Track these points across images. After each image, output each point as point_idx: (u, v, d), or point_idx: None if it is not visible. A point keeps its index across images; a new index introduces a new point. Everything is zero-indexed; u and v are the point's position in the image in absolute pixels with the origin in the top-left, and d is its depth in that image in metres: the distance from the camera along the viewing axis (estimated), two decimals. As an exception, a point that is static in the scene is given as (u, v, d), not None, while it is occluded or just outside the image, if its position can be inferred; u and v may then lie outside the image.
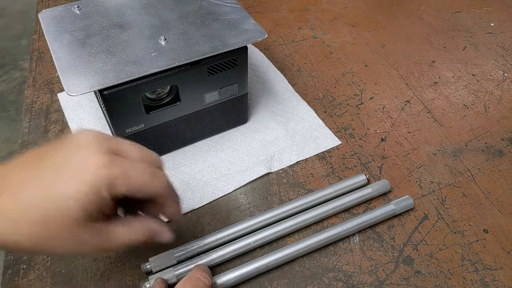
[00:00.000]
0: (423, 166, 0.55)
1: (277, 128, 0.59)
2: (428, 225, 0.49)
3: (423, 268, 0.45)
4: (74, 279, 0.45)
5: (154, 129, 0.52)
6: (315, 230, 0.49)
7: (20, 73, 1.89)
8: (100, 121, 0.60)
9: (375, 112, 0.62)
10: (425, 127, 0.60)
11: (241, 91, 0.55)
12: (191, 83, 0.50)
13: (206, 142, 0.58)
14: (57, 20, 0.52)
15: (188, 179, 0.53)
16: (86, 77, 0.44)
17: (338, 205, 0.49)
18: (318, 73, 0.68)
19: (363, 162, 0.55)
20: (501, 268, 0.45)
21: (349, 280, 0.44)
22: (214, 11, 0.53)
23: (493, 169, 0.54)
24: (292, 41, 0.74)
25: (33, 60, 0.70)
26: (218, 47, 0.48)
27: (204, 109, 0.54)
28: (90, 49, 0.47)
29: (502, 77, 0.67)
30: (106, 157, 0.32)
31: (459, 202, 0.51)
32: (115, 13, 0.53)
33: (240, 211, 0.50)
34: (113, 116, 0.48)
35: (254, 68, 0.68)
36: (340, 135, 0.59)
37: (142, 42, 0.48)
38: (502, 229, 0.48)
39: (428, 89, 0.65)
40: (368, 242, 0.47)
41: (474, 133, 0.59)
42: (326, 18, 0.79)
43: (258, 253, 0.47)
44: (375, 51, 0.72)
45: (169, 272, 0.43)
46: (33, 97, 0.64)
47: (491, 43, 0.73)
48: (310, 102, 0.63)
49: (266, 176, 0.54)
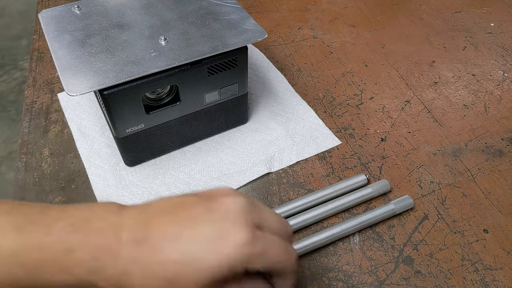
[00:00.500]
0: (423, 166, 0.55)
1: (277, 128, 0.59)
2: (428, 225, 0.49)
3: (423, 268, 0.45)
4: (74, 279, 0.45)
5: (154, 129, 0.52)
6: (315, 230, 0.49)
7: (20, 73, 1.89)
8: (100, 121, 0.60)
9: (375, 112, 0.62)
10: (425, 127, 0.60)
11: (241, 91, 0.55)
12: (191, 83, 0.50)
13: (206, 142, 0.58)
14: (57, 20, 0.52)
15: (188, 179, 0.53)
16: (86, 77, 0.44)
17: (338, 205, 0.49)
18: (318, 73, 0.68)
19: (363, 162, 0.55)
20: (501, 268, 0.45)
21: (349, 280, 0.44)
22: (214, 11, 0.53)
23: (493, 169, 0.54)
24: (292, 41, 0.74)
25: (33, 60, 0.70)
26: (218, 47, 0.48)
27: (204, 109, 0.54)
28: (90, 49, 0.47)
29: (502, 77, 0.67)
30: (250, 233, 0.30)
31: (459, 202, 0.51)
32: (115, 13, 0.53)
33: (240, 211, 0.50)
34: (113, 116, 0.48)
35: (254, 68, 0.68)
36: (340, 135, 0.59)
37: (142, 42, 0.48)
38: (502, 229, 0.48)
39: (428, 89, 0.65)
40: (368, 242, 0.47)
41: (474, 133, 0.59)
42: (326, 18, 0.79)
43: (258, 253, 0.47)
44: (375, 51, 0.72)
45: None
46: (33, 97, 0.64)
47: (491, 43, 0.73)
48: (310, 102, 0.63)
49: (266, 176, 0.54)
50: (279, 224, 0.34)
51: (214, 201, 0.31)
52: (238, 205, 0.31)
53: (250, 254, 0.30)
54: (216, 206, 0.31)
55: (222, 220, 0.30)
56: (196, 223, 0.30)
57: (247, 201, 0.32)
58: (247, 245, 0.29)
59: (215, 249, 0.29)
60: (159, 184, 0.53)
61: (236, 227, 0.30)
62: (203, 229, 0.30)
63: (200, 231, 0.30)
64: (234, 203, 0.31)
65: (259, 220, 0.32)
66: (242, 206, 0.31)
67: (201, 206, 0.31)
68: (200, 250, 0.29)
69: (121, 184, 0.53)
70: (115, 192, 0.52)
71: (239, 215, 0.30)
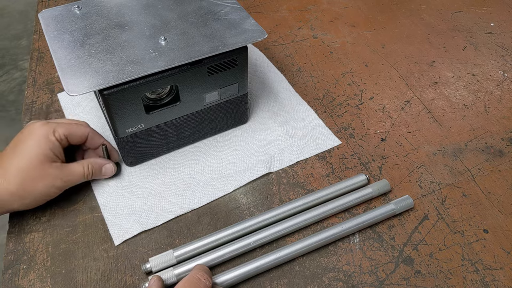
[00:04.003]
0: (423, 166, 0.55)
1: (277, 128, 0.59)
2: (428, 225, 0.49)
3: (423, 268, 0.45)
4: (74, 279, 0.45)
5: (154, 129, 0.52)
6: (315, 230, 0.49)
7: (20, 73, 1.89)
8: (100, 121, 0.60)
9: (375, 112, 0.62)
10: (425, 127, 0.60)
11: (241, 91, 0.55)
12: (191, 83, 0.50)
13: (206, 142, 0.58)
14: (57, 20, 0.52)
15: (188, 179, 0.53)
16: (86, 77, 0.44)
17: (338, 205, 0.49)
18: (318, 73, 0.68)
19: (363, 162, 0.55)
20: (501, 268, 0.45)
21: (349, 280, 0.44)
22: (214, 11, 0.53)
23: (493, 169, 0.54)
24: (292, 41, 0.74)
25: (33, 60, 0.70)
26: (218, 47, 0.48)
27: (204, 109, 0.54)
28: (90, 49, 0.47)
29: (502, 77, 0.67)
30: (45, 122, 0.49)
31: (459, 202, 0.51)
32: (115, 13, 0.53)
33: (240, 211, 0.50)
34: (113, 116, 0.48)
35: (254, 68, 0.68)
36: (340, 135, 0.59)
37: (142, 42, 0.48)
38: (502, 229, 0.48)
39: (428, 89, 0.65)
40: (368, 242, 0.47)
41: (474, 133, 0.59)
42: (326, 18, 0.79)
43: (258, 253, 0.47)
44: (375, 51, 0.72)
45: (169, 272, 0.43)
46: (33, 97, 0.64)
47: (491, 43, 0.73)
48: (310, 102, 0.63)
49: (266, 176, 0.54)
50: (68, 120, 0.53)
51: (24, 129, 0.49)
52: (35, 122, 0.49)
53: (50, 126, 0.48)
54: (24, 129, 0.49)
55: (29, 128, 0.48)
56: (16, 140, 0.48)
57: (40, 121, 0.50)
58: (45, 124, 0.48)
59: (31, 137, 0.47)
60: (159, 184, 0.53)
61: (36, 124, 0.48)
62: (22, 137, 0.48)
63: (21, 138, 0.48)
64: (32, 122, 0.49)
65: (51, 122, 0.49)
66: (37, 121, 0.49)
67: (17, 136, 0.49)
68: (25, 143, 0.47)
69: (121, 184, 0.53)
70: (115, 192, 0.52)
71: (35, 122, 0.49)
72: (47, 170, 0.47)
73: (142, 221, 0.49)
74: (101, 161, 0.52)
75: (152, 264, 0.44)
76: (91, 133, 0.51)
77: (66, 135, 0.49)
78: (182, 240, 0.48)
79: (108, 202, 0.51)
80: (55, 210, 0.50)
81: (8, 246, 0.47)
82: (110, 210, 0.50)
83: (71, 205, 0.51)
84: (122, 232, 0.48)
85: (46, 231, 0.48)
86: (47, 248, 0.47)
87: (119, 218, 0.49)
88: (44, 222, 0.49)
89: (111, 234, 0.48)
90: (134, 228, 0.48)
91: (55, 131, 0.48)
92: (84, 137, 0.51)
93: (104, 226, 0.49)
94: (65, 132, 0.49)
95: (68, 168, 0.49)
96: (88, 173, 0.50)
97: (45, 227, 0.49)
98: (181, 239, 0.48)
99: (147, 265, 0.44)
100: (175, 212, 0.50)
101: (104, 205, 0.51)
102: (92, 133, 0.51)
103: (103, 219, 0.49)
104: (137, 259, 0.46)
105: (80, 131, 0.50)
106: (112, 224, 0.49)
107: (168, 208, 0.50)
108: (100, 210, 0.50)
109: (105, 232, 0.48)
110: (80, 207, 0.51)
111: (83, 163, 0.50)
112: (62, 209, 0.50)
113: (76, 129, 0.50)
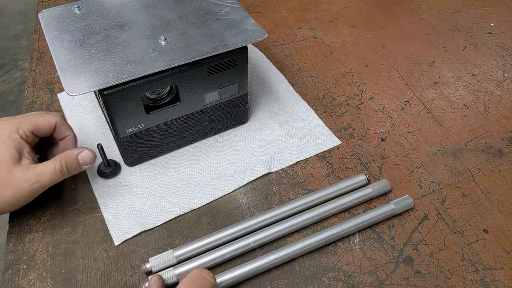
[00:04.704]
0: (423, 166, 0.55)
1: (277, 128, 0.59)
2: (428, 225, 0.49)
3: (423, 268, 0.45)
4: (74, 279, 0.45)
5: (154, 129, 0.52)
6: (315, 230, 0.49)
7: (20, 73, 1.89)
8: (100, 121, 0.60)
9: (375, 112, 0.62)
10: (425, 127, 0.60)
11: (241, 91, 0.55)
12: (191, 83, 0.50)
13: (206, 142, 0.58)
14: (57, 20, 0.52)
15: (188, 179, 0.53)
16: (86, 77, 0.44)
17: (338, 205, 0.49)
18: (318, 73, 0.68)
19: (363, 162, 0.55)
20: (501, 268, 0.45)
21: (349, 280, 0.44)
22: (214, 11, 0.53)
23: (493, 169, 0.54)
24: (292, 41, 0.74)
25: (33, 60, 0.70)
26: (218, 47, 0.48)
27: (204, 109, 0.54)
28: (90, 49, 0.47)
29: (502, 77, 0.67)
30: (9, 118, 0.46)
31: (459, 202, 0.51)
32: (115, 13, 0.53)
33: (240, 211, 0.50)
34: (113, 116, 0.48)
35: (254, 68, 0.68)
36: (340, 135, 0.59)
37: (142, 42, 0.48)
38: (502, 229, 0.48)
39: (428, 89, 0.65)
40: (368, 242, 0.47)
41: (474, 133, 0.59)
42: (326, 18, 0.79)
43: (258, 253, 0.47)
44: (375, 51, 0.72)
45: (169, 272, 0.43)
46: (33, 97, 0.64)
47: (491, 43, 0.73)
48: (310, 102, 0.63)
49: (266, 176, 0.54)
50: (35, 113, 0.49)
51: None
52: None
53: (13, 122, 0.45)
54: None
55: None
56: None
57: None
58: (8, 120, 0.46)
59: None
60: (159, 184, 0.53)
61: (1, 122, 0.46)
62: None
63: None
64: None
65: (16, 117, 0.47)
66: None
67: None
68: None
69: (121, 184, 0.53)
70: (115, 192, 0.52)
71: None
72: (15, 173, 0.43)
73: (142, 221, 0.49)
74: (73, 151, 0.47)
75: (152, 264, 0.44)
76: (59, 123, 0.48)
77: (32, 130, 0.46)
78: (182, 240, 0.48)
79: (108, 202, 0.51)
80: (55, 210, 0.50)
81: (8, 246, 0.47)
82: (110, 210, 0.50)
83: (71, 205, 0.51)
84: (122, 232, 0.48)
85: (46, 231, 0.48)
86: (47, 248, 0.47)
87: (119, 218, 0.49)
88: (44, 222, 0.49)
89: (111, 234, 0.48)
90: (134, 228, 0.48)
91: (18, 128, 0.45)
92: (51, 127, 0.48)
93: (104, 226, 0.49)
94: (30, 128, 0.46)
95: (38, 167, 0.44)
96: (62, 169, 0.45)
97: (45, 227, 0.49)
98: (181, 239, 0.48)
99: (147, 265, 0.44)
100: (175, 212, 0.50)
101: (104, 205, 0.51)
102: (60, 122, 0.48)
103: (103, 219, 0.49)
104: (137, 259, 0.46)
105: (46, 120, 0.47)
106: (112, 224, 0.49)
107: (168, 208, 0.50)
108: (100, 210, 0.50)
109: (105, 232, 0.48)
110: (80, 207, 0.51)
111: (54, 160, 0.46)
112: (62, 209, 0.50)
113: (42, 121, 0.47)
